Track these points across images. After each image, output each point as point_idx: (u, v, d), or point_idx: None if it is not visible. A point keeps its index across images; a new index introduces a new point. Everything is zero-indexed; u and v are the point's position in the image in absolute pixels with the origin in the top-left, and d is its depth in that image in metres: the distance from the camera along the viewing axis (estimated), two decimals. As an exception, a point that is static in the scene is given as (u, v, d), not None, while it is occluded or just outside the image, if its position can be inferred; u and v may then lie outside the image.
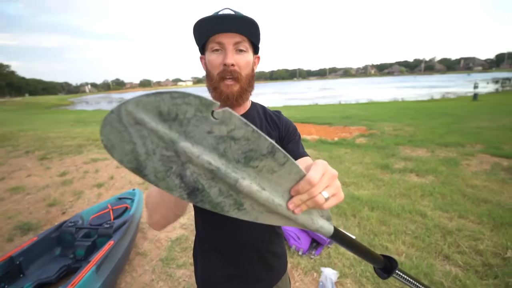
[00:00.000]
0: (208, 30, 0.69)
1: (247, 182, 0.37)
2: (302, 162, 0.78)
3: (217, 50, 0.70)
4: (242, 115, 0.81)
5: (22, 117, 17.27)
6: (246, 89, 0.75)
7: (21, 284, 1.93)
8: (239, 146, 0.35)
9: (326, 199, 0.40)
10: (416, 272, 1.96)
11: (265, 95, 37.79)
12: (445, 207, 2.89)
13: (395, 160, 4.69)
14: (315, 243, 2.38)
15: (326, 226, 0.46)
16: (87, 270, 1.77)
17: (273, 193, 0.39)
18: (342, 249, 2.29)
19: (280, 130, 0.85)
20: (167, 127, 0.32)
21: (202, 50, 0.77)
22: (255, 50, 0.79)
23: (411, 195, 3.25)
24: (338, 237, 0.49)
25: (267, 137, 0.34)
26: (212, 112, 0.32)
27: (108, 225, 2.34)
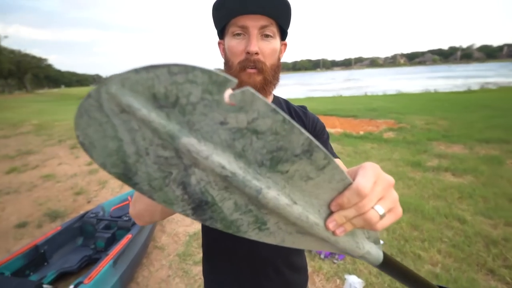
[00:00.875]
0: (229, 11, 0.58)
1: (273, 193, 0.28)
2: None
3: (238, 34, 0.59)
4: None
5: (58, 108, 18.39)
6: (271, 81, 0.63)
7: (45, 272, 1.99)
8: (264, 142, 0.26)
9: (381, 216, 0.29)
10: (455, 287, 1.75)
11: (287, 87, 37.17)
12: (487, 213, 2.59)
13: (427, 157, 4.33)
14: (339, 246, 2.23)
15: (374, 252, 0.35)
16: (105, 263, 1.77)
17: (308, 208, 0.30)
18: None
19: (306, 128, 0.73)
20: (164, 117, 0.24)
21: (221, 34, 0.65)
22: (283, 35, 0.66)
23: (447, 197, 2.96)
24: (388, 266, 0.38)
25: (302, 129, 0.25)
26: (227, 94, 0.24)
27: (127, 218, 2.35)
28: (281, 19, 0.61)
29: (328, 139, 0.75)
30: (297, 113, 0.74)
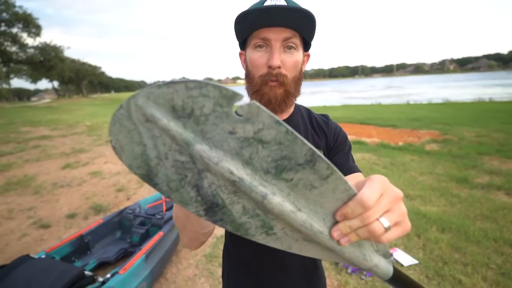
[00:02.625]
0: (252, 23, 0.59)
1: (278, 199, 0.30)
2: (352, 179, 0.63)
3: (260, 46, 0.60)
4: (284, 120, 0.70)
5: (107, 111, 20.22)
6: (292, 94, 0.63)
7: (87, 260, 2.19)
8: (269, 151, 0.28)
9: (386, 229, 0.29)
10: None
11: (323, 94, 36.40)
12: (549, 240, 2.26)
13: (476, 173, 3.92)
14: (368, 262, 2.12)
15: (383, 266, 0.36)
16: (138, 257, 1.91)
17: (312, 216, 0.31)
18: (401, 274, 1.98)
19: (327, 139, 0.72)
20: (181, 126, 0.27)
21: (243, 45, 0.67)
22: (306, 46, 0.66)
23: (497, 219, 2.64)
24: (399, 281, 0.37)
25: (305, 140, 0.27)
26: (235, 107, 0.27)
27: (160, 216, 2.50)
28: (304, 31, 0.60)
29: (350, 150, 0.73)
30: (319, 123, 0.73)
